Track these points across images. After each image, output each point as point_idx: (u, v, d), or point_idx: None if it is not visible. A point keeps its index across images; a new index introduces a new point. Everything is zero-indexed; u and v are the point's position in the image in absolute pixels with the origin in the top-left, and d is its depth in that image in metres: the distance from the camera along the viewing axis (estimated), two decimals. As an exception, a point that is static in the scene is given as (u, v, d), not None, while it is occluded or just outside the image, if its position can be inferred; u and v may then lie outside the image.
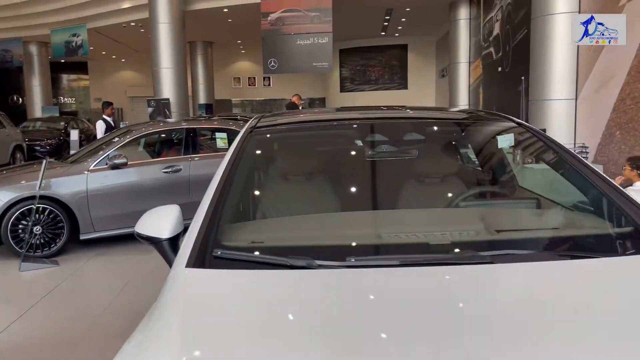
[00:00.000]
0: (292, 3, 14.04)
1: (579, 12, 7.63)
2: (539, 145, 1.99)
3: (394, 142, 2.24)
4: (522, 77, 9.59)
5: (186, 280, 1.43)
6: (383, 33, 19.92)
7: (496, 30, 11.87)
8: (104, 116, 9.45)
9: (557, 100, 7.81)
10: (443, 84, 18.63)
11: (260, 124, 2.21)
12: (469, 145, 2.34)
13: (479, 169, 2.32)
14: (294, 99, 11.01)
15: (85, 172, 5.43)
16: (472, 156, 2.35)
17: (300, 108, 10.17)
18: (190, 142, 5.81)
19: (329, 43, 13.76)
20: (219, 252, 1.52)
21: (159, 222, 1.77)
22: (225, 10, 14.96)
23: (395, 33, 20.05)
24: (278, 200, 2.14)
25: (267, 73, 14.69)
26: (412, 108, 2.52)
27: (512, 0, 10.72)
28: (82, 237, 5.38)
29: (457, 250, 1.52)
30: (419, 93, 20.78)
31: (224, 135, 5.79)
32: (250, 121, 2.27)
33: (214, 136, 6.17)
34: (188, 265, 1.47)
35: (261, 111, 23.00)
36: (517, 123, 2.07)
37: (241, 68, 25.06)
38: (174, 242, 1.75)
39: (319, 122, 2.39)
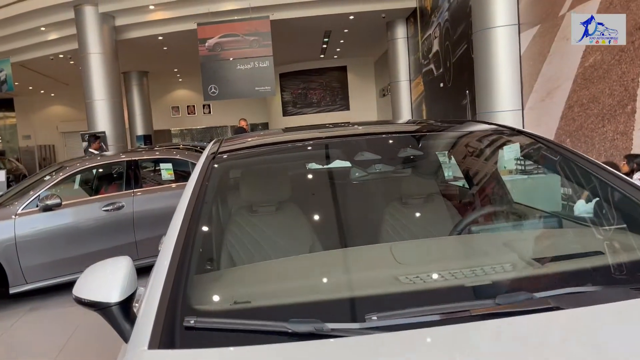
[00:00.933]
0: (229, 28, 13.78)
1: (518, 25, 7.75)
2: (540, 150, 1.74)
3: (384, 161, 1.93)
4: (467, 91, 9.67)
5: None
6: (322, 55, 19.93)
7: (435, 47, 12.02)
8: (91, 150, 8.94)
9: (504, 111, 7.85)
10: (384, 103, 18.77)
11: (222, 149, 1.85)
12: (460, 160, 2.07)
13: (471, 186, 2.04)
14: (242, 124, 10.61)
15: (13, 217, 4.82)
16: (459, 172, 2.08)
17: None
18: (132, 175, 5.31)
19: (271, 67, 13.56)
20: (192, 322, 1.12)
21: (105, 281, 1.37)
22: (160, 38, 14.47)
23: (334, 55, 20.11)
24: (256, 240, 1.77)
25: (207, 100, 14.27)
26: (369, 123, 2.23)
27: (449, 17, 10.87)
28: (11, 290, 4.75)
29: (509, 292, 1.17)
30: (361, 113, 20.85)
31: (169, 165, 5.34)
32: (208, 147, 1.91)
33: (158, 168, 5.71)
34: (151, 346, 1.07)
35: (201, 140, 22.36)
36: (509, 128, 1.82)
37: (179, 97, 24.40)
38: (125, 306, 1.35)
39: (286, 142, 2.04)
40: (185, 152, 6.39)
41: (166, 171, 5.29)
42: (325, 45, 18.17)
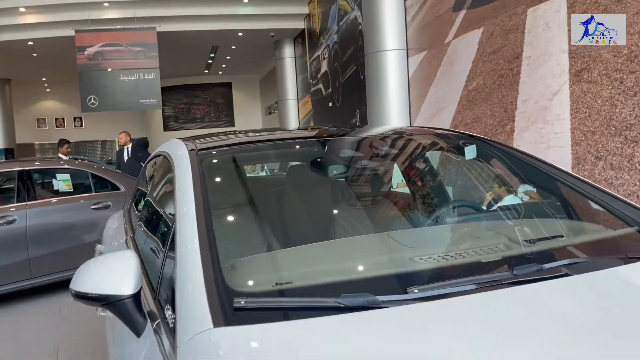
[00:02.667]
0: (112, 37, 13.15)
1: (407, 50, 8.38)
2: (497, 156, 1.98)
3: (366, 158, 2.03)
4: (357, 110, 10.17)
5: (233, 345, 1.03)
6: (207, 71, 19.67)
7: (324, 67, 12.49)
8: (60, 155, 8.01)
9: (395, 129, 8.39)
10: (270, 120, 18.98)
11: (200, 147, 1.82)
12: (433, 161, 2.23)
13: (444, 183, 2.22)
14: (124, 138, 10.01)
15: None
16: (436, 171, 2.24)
17: (130, 146, 9.32)
18: (25, 186, 4.83)
19: (157, 79, 13.13)
20: (242, 302, 1.13)
21: (115, 274, 1.30)
22: (30, 43, 13.34)
23: (219, 71, 19.95)
24: (272, 228, 1.76)
25: (86, 111, 13.41)
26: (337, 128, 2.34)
27: (338, 40, 11.39)
28: None
29: (521, 265, 1.30)
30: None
31: (67, 176, 4.96)
32: (179, 147, 1.85)
33: (48, 180, 5.27)
34: (217, 325, 1.06)
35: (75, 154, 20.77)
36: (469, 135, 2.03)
37: (47, 108, 22.51)
38: (137, 299, 1.30)
39: (267, 141, 2.05)
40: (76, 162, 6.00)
41: (64, 182, 4.91)
42: (211, 61, 17.98)
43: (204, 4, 12.28)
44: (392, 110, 8.41)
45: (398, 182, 2.01)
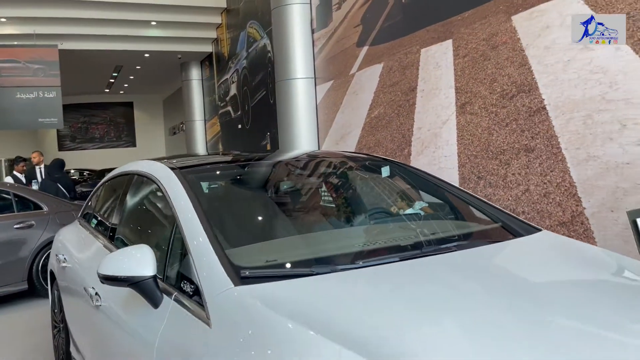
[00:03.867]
0: (9, 53, 12.66)
1: (315, 78, 9.10)
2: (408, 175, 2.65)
3: (315, 178, 2.59)
4: (267, 133, 10.70)
5: (256, 293, 1.51)
6: (107, 90, 19.27)
7: (233, 90, 12.92)
8: (15, 172, 7.38)
9: (304, 152, 9.03)
10: (175, 141, 18.93)
11: (177, 166, 2.27)
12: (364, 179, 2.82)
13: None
14: (40, 158, 9.57)
15: None
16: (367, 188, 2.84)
17: (43, 166, 9.08)
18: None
19: (58, 97, 12.79)
20: (247, 272, 1.61)
21: (138, 261, 1.73)
22: None
23: (120, 90, 19.61)
24: (253, 226, 2.23)
25: (-22, 129, 12.70)
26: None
27: (247, 65, 11.91)
28: None
29: (428, 245, 1.94)
30: (148, 150, 20.57)
31: None
32: (157, 167, 2.27)
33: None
34: (236, 284, 1.55)
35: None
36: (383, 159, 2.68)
37: None
38: (155, 279, 1.74)
39: (235, 162, 2.57)
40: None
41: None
42: (113, 80, 17.68)
43: (111, 24, 12.23)
44: (302, 134, 9.05)
45: (334, 194, 2.59)
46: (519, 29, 5.30)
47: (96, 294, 2.22)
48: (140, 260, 1.73)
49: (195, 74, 15.36)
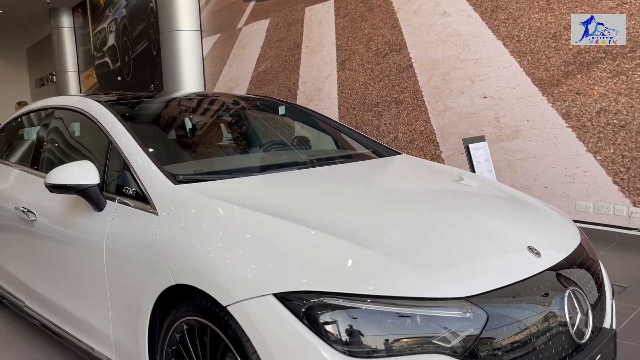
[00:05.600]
0: None
1: (201, 31, 9.18)
2: (298, 113, 3.18)
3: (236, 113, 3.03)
4: (152, 85, 10.59)
5: (194, 189, 1.93)
6: (-41, 34, 17.27)
7: (111, 41, 12.42)
8: None
9: (191, 104, 9.17)
10: (44, 93, 17.64)
11: (103, 99, 2.56)
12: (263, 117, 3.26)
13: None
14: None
15: None
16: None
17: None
18: None
19: None
20: (181, 177, 2.01)
21: (84, 171, 2.05)
22: None
23: (-25, 36, 17.68)
24: (177, 150, 2.60)
25: None
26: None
27: (127, 14, 11.51)
28: None
29: (318, 162, 2.52)
30: (12, 102, 18.91)
31: None
32: (86, 102, 2.53)
33: None
34: (175, 184, 1.94)
35: None
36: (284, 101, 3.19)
37: None
38: (100, 187, 2.10)
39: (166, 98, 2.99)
40: None
41: None
42: (-34, 24, 15.91)
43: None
44: (188, 87, 9.16)
45: (243, 125, 3.04)
46: (391, -6, 5.97)
47: (28, 211, 2.47)
48: (86, 172, 2.05)
49: (66, 22, 14.40)
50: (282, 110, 3.09)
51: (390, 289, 1.44)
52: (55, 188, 2.06)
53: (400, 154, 2.81)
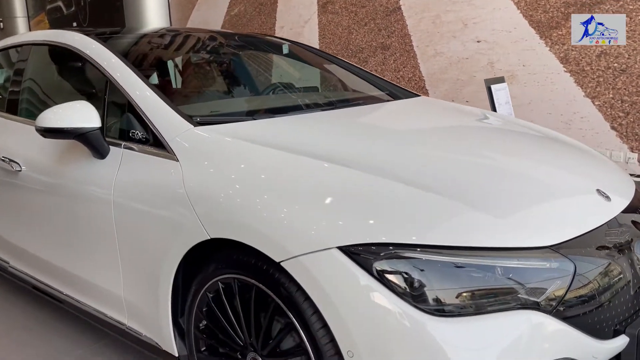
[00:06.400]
0: None
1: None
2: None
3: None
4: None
5: (221, 131, 1.73)
6: None
7: (64, -17, 11.54)
8: None
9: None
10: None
11: (94, 33, 2.23)
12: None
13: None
14: None
15: None
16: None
17: None
18: None
19: None
20: (198, 119, 1.78)
21: (82, 112, 1.78)
22: None
23: None
24: (183, 90, 2.32)
25: None
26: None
27: (81, -47, 10.66)
28: None
29: (337, 102, 2.33)
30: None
31: None
32: (75, 36, 2.20)
33: None
34: (195, 125, 1.73)
35: None
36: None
37: None
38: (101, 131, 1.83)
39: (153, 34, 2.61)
40: None
41: None
42: None
43: None
44: (154, 32, 8.62)
45: (250, 65, 2.78)
46: None
47: (10, 161, 2.17)
48: (85, 113, 1.77)
49: (11, -39, 13.27)
50: (285, 49, 2.83)
51: (468, 238, 1.28)
52: (49, 132, 1.79)
53: (418, 95, 2.62)
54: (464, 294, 1.23)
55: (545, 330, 1.22)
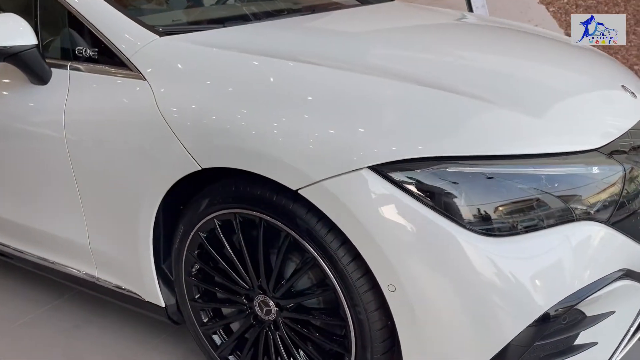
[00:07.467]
0: None
1: None
2: None
3: None
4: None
5: (193, 40, 1.48)
6: None
7: None
8: None
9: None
10: None
11: None
12: None
13: None
14: None
15: None
16: None
17: None
18: None
19: None
20: (161, 29, 1.49)
21: (12, 29, 1.44)
22: None
23: None
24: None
25: None
26: None
27: None
28: None
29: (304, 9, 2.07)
30: None
31: None
32: None
33: None
34: (161, 35, 1.44)
35: None
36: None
37: None
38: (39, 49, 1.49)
39: None
40: None
41: None
42: None
43: None
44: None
45: None
46: None
47: None
48: (14, 28, 1.42)
49: None
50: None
51: (511, 146, 1.12)
52: None
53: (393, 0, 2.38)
54: (514, 210, 1.08)
55: (605, 241, 1.11)
